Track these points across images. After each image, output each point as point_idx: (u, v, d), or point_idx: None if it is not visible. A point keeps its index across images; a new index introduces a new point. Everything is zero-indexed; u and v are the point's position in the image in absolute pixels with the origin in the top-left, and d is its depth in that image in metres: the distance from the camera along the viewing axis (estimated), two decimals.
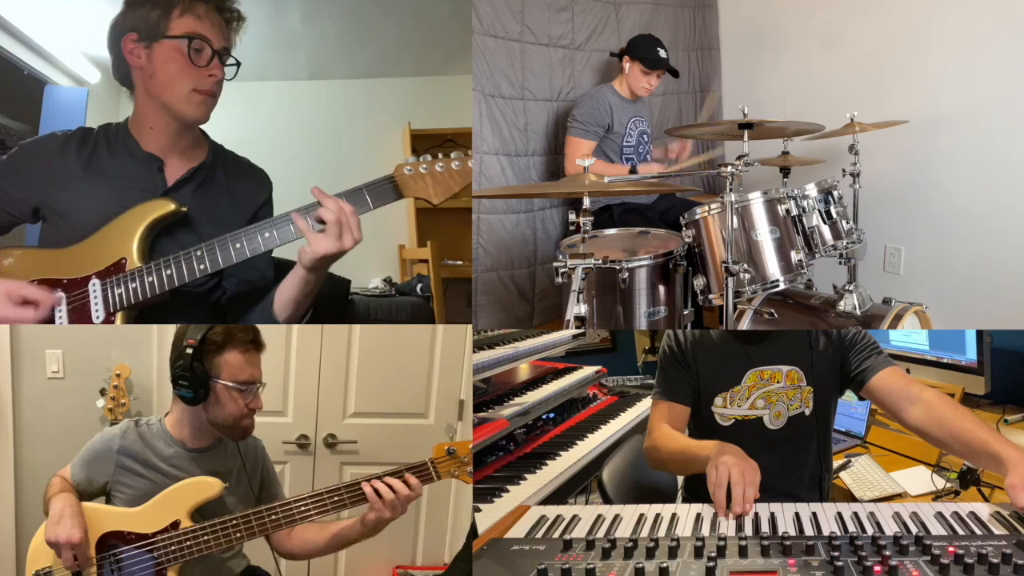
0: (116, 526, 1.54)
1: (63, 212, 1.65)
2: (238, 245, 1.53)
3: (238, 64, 1.68)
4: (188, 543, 1.52)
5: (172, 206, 1.60)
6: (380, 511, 1.56)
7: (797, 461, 1.68)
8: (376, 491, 1.55)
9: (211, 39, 1.60)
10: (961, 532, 1.18)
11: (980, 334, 2.44)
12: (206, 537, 1.52)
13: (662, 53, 3.08)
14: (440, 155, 1.56)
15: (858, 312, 2.42)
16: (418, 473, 1.59)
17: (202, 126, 1.77)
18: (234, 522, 1.53)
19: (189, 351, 1.54)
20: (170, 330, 1.68)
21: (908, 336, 2.72)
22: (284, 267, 1.66)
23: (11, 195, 1.68)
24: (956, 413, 1.44)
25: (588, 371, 2.96)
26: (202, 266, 1.53)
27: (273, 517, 1.55)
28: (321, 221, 1.49)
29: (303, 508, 1.56)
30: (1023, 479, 1.21)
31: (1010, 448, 1.29)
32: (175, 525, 1.53)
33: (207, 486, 1.57)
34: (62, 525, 1.48)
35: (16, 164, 1.70)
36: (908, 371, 1.68)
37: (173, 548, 1.52)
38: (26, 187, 1.67)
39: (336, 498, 1.57)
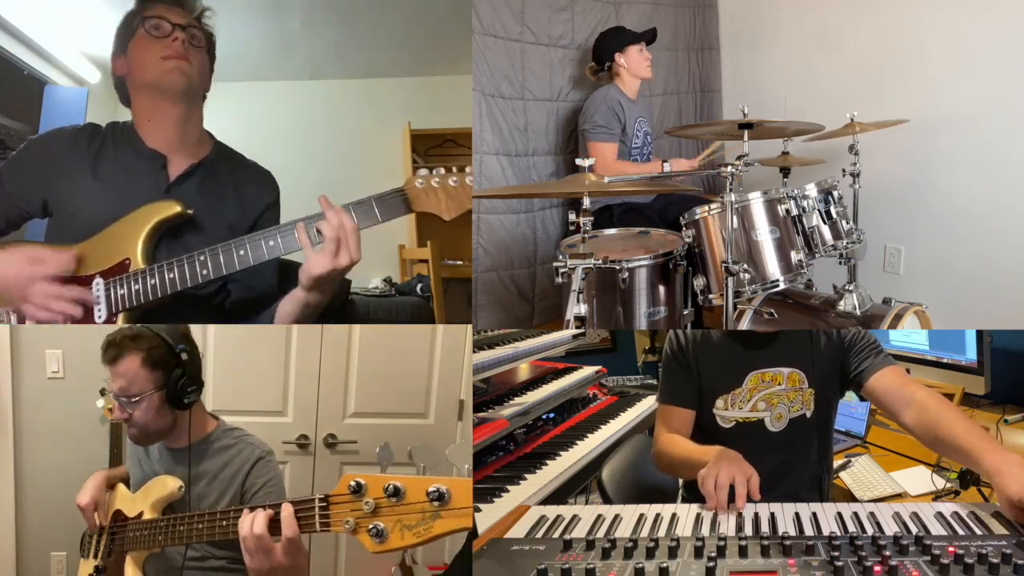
0: (120, 505, 1.68)
1: (70, 207, 1.67)
2: (242, 252, 1.53)
3: (206, 34, 1.74)
4: (137, 535, 1.58)
5: (178, 208, 1.62)
6: (244, 553, 1.25)
7: (798, 462, 1.68)
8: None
9: (167, 17, 1.67)
10: (961, 532, 1.18)
11: (980, 334, 2.44)
12: (144, 533, 1.56)
13: (636, 29, 3.16)
14: (454, 168, 1.51)
15: (858, 312, 2.42)
16: (300, 511, 1.23)
17: (207, 126, 1.78)
18: (161, 524, 1.54)
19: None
20: None
21: (908, 336, 2.72)
22: (290, 269, 1.66)
23: (22, 189, 1.71)
24: (946, 417, 1.41)
25: (588, 371, 2.96)
26: (205, 271, 1.53)
27: (180, 528, 1.47)
28: (321, 233, 1.47)
29: (200, 526, 1.42)
30: (1006, 493, 1.20)
31: (994, 456, 1.26)
32: (140, 515, 1.60)
33: (165, 485, 1.59)
34: (82, 491, 1.68)
35: (27, 158, 1.74)
36: (908, 371, 1.67)
37: (131, 536, 1.60)
38: (36, 181, 1.69)
39: (224, 523, 1.36)
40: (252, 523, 1.23)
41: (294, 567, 1.25)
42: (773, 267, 2.33)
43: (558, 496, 1.95)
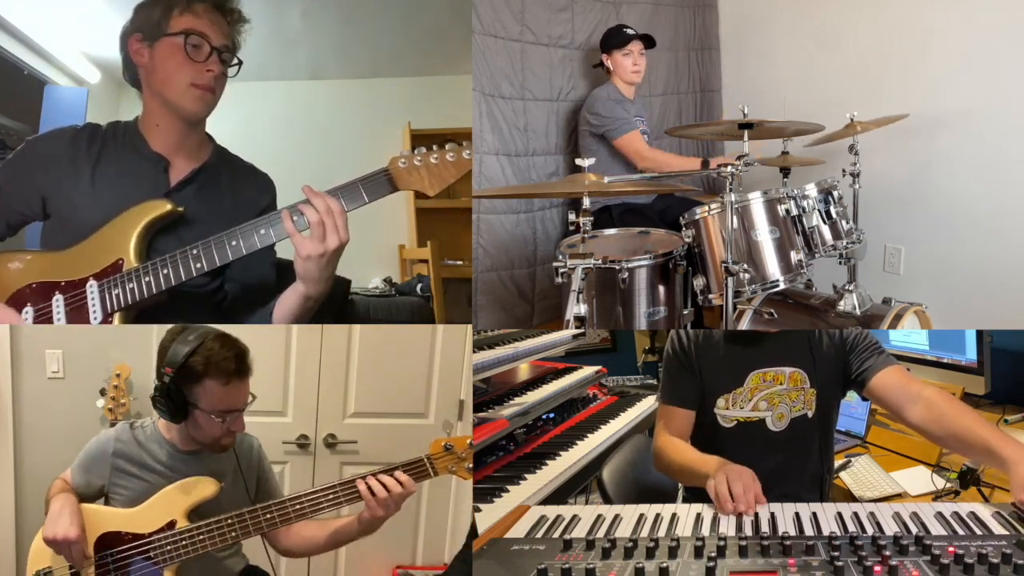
0: (113, 526, 1.55)
1: (68, 207, 1.66)
2: (234, 243, 1.53)
3: (239, 63, 1.70)
4: (184, 543, 1.52)
5: (169, 206, 1.61)
6: (374, 509, 1.55)
7: (799, 463, 1.68)
8: (369, 488, 1.54)
9: (209, 36, 1.63)
10: (961, 532, 1.18)
11: (980, 334, 2.44)
12: (201, 537, 1.52)
13: (629, 31, 3.14)
14: (434, 147, 1.55)
15: (858, 312, 2.41)
16: (413, 469, 1.58)
17: (207, 129, 1.78)
18: (229, 521, 1.53)
19: (166, 379, 1.52)
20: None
21: (908, 336, 2.72)
22: (287, 268, 1.66)
23: (20, 190, 1.69)
24: (956, 411, 1.43)
25: (588, 371, 2.96)
26: (198, 264, 1.53)
27: (268, 516, 1.54)
28: (306, 218, 1.49)
29: (298, 506, 1.56)
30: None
31: (1010, 447, 1.29)
32: (171, 525, 1.54)
33: (202, 486, 1.57)
34: (60, 523, 1.50)
35: (25, 159, 1.72)
36: (908, 371, 1.68)
37: (169, 548, 1.52)
38: (35, 182, 1.68)
39: (331, 495, 1.56)
40: (392, 485, 1.54)
41: None
42: (773, 267, 2.33)
43: (558, 496, 1.95)
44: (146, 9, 1.66)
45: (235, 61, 1.70)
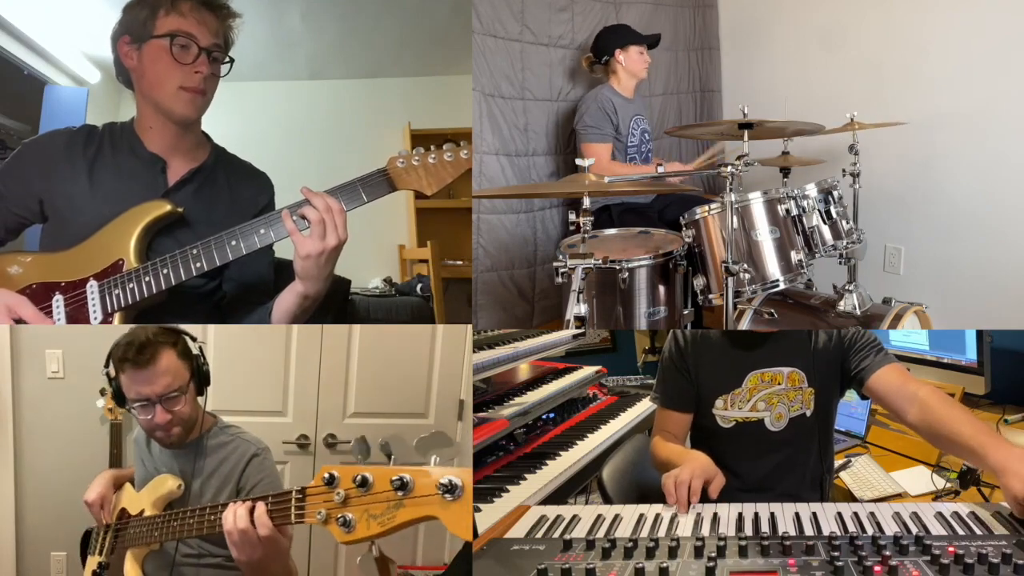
0: (125, 504, 1.70)
1: (66, 209, 1.66)
2: (234, 243, 1.53)
3: (231, 61, 1.68)
4: (135, 531, 1.61)
5: (168, 207, 1.61)
6: (229, 545, 1.29)
7: (798, 462, 1.68)
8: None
9: (197, 36, 1.60)
10: (961, 532, 1.18)
11: (980, 334, 2.44)
12: (142, 531, 1.59)
13: (641, 31, 3.17)
14: (432, 147, 1.56)
15: (858, 312, 2.42)
16: (277, 505, 1.26)
17: (204, 128, 1.78)
18: (159, 520, 1.56)
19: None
20: None
21: (908, 336, 2.72)
22: (285, 267, 1.66)
23: (18, 194, 1.69)
24: (950, 414, 1.40)
25: (588, 371, 2.96)
26: (198, 264, 1.53)
27: (174, 524, 1.48)
28: (306, 219, 1.49)
29: (190, 521, 1.43)
30: (1011, 491, 1.19)
31: (1000, 453, 1.25)
32: (141, 513, 1.62)
33: (165, 484, 1.61)
34: (89, 489, 1.70)
35: (21, 162, 1.71)
36: (908, 370, 1.67)
37: (132, 532, 1.62)
38: (32, 185, 1.68)
39: (212, 517, 1.37)
40: (235, 517, 1.26)
41: (276, 556, 1.30)
42: (773, 267, 2.33)
43: (558, 496, 1.95)
44: (133, 10, 1.63)
45: (226, 60, 1.68)
